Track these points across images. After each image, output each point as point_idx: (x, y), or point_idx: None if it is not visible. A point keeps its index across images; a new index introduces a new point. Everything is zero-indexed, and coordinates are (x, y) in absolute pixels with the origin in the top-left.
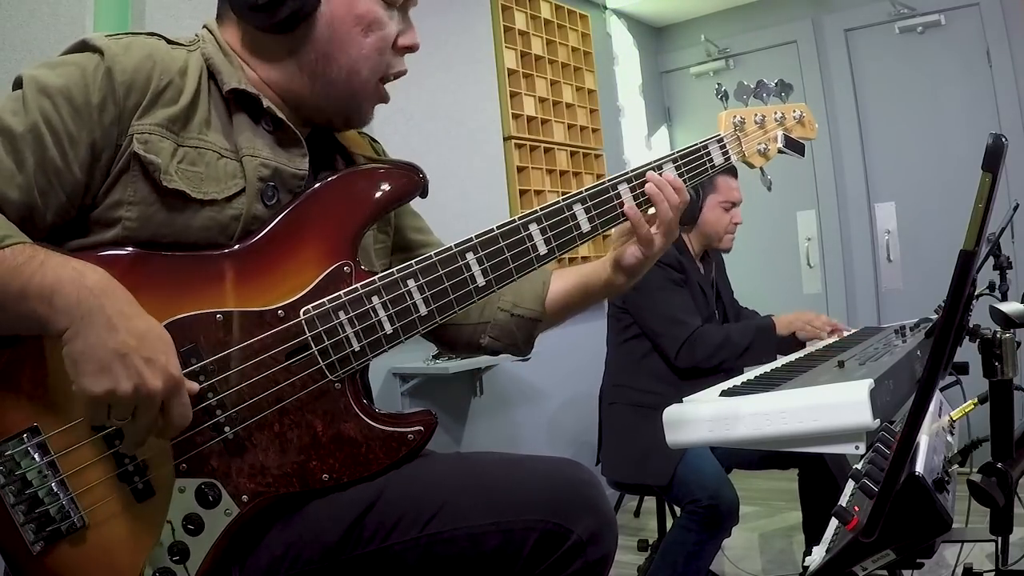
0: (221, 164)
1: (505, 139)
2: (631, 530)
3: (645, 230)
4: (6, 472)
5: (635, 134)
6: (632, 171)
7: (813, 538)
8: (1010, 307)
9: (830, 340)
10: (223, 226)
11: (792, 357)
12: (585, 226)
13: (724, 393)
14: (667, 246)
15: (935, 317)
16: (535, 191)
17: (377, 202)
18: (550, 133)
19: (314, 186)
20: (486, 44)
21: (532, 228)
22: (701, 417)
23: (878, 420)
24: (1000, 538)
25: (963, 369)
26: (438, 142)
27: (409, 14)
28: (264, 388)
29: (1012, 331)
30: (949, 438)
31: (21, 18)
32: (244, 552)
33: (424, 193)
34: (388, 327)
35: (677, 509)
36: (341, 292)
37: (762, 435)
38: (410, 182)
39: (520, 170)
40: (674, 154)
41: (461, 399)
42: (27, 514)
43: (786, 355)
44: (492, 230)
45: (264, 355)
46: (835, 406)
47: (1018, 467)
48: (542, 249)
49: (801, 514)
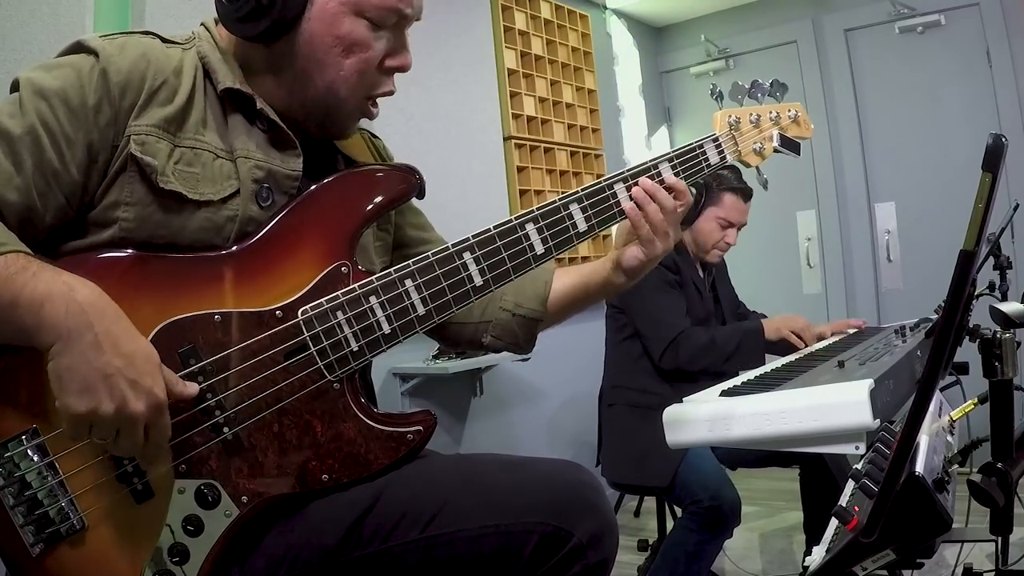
0: (217, 165)
1: (505, 139)
2: (631, 530)
3: (646, 230)
4: (6, 474)
5: (635, 134)
6: (628, 170)
7: (814, 538)
8: (1010, 307)
9: (830, 340)
10: (219, 227)
11: (792, 357)
12: (582, 225)
13: (724, 393)
14: (669, 249)
15: (935, 317)
16: (535, 191)
17: (374, 203)
18: (550, 133)
19: (311, 187)
20: (486, 44)
21: (529, 228)
22: (701, 417)
23: (878, 420)
24: (1000, 538)
25: (963, 369)
26: (438, 142)
27: (406, 32)
28: (263, 389)
29: (1012, 331)
30: (949, 438)
31: (21, 18)
32: (244, 553)
33: (421, 194)
34: (386, 327)
35: (678, 509)
36: (339, 292)
37: (762, 435)
38: (407, 184)
39: (520, 170)
40: (670, 154)
41: (461, 399)
42: (27, 516)
43: (780, 356)
44: (489, 230)
45: (263, 356)
46: (835, 406)
47: (1018, 467)
48: (539, 249)
49: (802, 514)
